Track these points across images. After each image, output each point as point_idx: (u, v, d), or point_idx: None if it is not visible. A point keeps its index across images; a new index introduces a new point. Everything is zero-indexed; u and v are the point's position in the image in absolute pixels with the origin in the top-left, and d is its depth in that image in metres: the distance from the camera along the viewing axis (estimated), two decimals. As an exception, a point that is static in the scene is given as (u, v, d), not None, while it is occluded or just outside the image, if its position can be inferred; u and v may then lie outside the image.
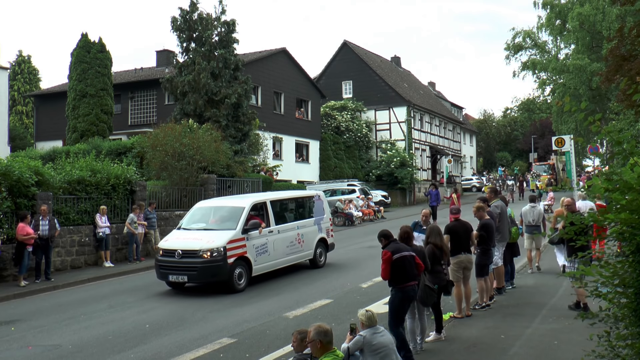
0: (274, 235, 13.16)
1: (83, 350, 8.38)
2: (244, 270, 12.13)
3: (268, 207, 13.31)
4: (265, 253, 12.79)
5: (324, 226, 15.22)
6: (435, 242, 8.07)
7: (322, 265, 14.81)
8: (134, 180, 18.04)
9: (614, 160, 5.15)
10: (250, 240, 12.39)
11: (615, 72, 18.58)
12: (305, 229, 14.35)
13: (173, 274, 11.98)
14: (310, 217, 14.81)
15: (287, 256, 13.57)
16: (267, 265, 12.92)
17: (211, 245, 11.79)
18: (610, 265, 4.43)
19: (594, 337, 4.62)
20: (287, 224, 13.81)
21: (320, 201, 15.35)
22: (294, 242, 13.81)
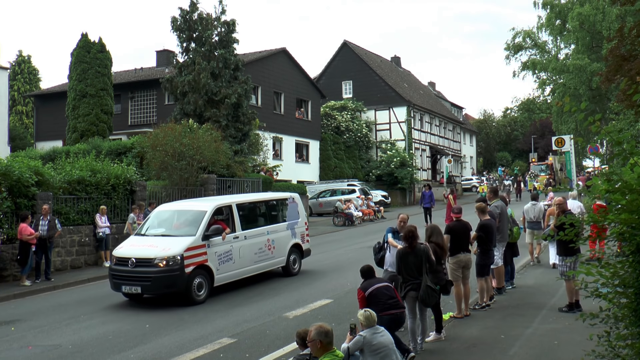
0: (240, 242, 12.15)
1: (83, 350, 8.38)
2: (205, 280, 11.14)
3: (234, 210, 12.31)
4: (230, 261, 11.80)
5: (299, 231, 14.21)
6: (436, 242, 8.08)
7: (296, 273, 13.80)
8: (134, 180, 18.05)
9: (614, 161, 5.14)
10: (212, 248, 11.40)
11: (615, 72, 18.58)
12: (277, 234, 13.33)
13: (126, 284, 10.93)
14: (283, 222, 13.83)
15: (255, 264, 12.55)
16: (232, 274, 11.93)
17: (167, 253, 10.80)
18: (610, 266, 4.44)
19: (594, 337, 4.63)
20: (256, 229, 12.83)
21: (294, 204, 14.38)
22: (263, 249, 12.80)
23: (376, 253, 9.09)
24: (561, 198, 9.98)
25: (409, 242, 7.68)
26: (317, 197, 33.00)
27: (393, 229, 8.99)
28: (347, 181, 35.42)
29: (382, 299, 6.94)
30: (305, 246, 14.51)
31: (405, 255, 7.69)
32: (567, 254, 9.03)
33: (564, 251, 9.17)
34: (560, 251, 9.36)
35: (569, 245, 8.93)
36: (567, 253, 9.02)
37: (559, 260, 9.41)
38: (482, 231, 9.50)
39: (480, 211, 9.71)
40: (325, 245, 19.73)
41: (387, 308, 6.89)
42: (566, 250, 8.99)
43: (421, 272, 7.57)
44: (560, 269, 9.37)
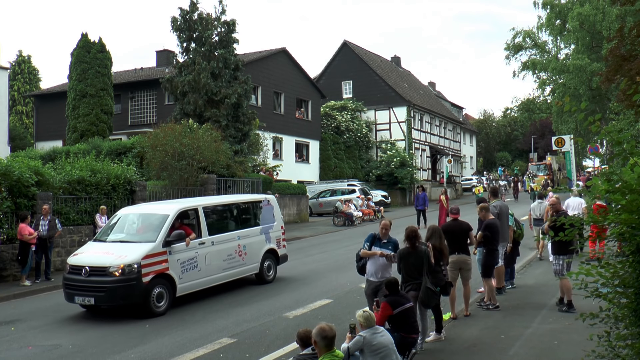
0: (207, 248, 11.31)
1: (83, 350, 8.38)
2: (165, 290, 10.32)
3: (200, 214, 11.45)
4: (195, 269, 10.96)
5: (274, 235, 13.33)
6: (435, 244, 8.07)
7: (271, 280, 12.95)
8: (134, 180, 18.04)
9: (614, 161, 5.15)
10: (174, 255, 10.56)
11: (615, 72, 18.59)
12: (249, 239, 12.47)
13: (79, 294, 10.10)
14: (257, 226, 12.95)
15: (223, 271, 11.71)
16: (197, 283, 11.09)
17: (123, 260, 9.97)
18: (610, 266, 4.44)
19: (594, 337, 4.63)
20: (225, 233, 11.96)
21: (269, 206, 13.50)
22: (234, 255, 11.96)
23: (358, 260, 8.51)
24: (555, 198, 9.92)
25: (410, 242, 7.69)
26: (317, 197, 33.00)
27: (375, 235, 8.32)
28: (347, 181, 35.43)
29: (409, 320, 6.84)
30: (282, 252, 13.65)
31: (406, 256, 7.70)
32: (561, 253, 9.03)
33: (557, 250, 9.15)
34: (554, 250, 9.33)
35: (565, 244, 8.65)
36: (561, 252, 9.01)
37: (553, 259, 9.38)
38: (487, 230, 9.46)
39: (484, 211, 9.69)
40: (325, 245, 19.73)
41: (413, 331, 6.87)
42: (560, 249, 8.98)
43: (421, 273, 7.58)
44: (554, 267, 9.35)
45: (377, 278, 8.02)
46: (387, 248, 8.06)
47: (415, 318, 7.07)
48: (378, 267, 8.06)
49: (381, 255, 8.01)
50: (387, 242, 8.13)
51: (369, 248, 8.15)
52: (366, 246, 8.18)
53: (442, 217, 22.13)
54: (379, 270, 8.06)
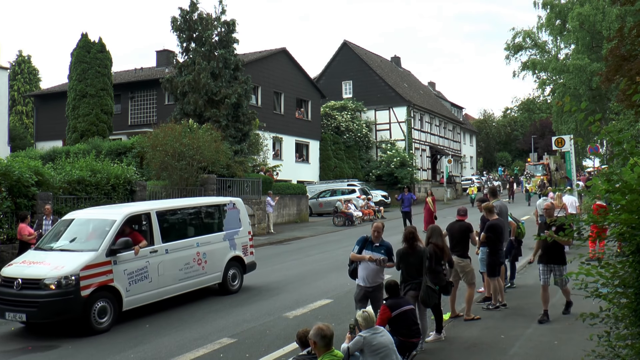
0: (160, 256, 10.33)
1: (83, 350, 8.38)
2: (109, 304, 9.37)
3: (153, 219, 10.45)
4: (145, 280, 10.01)
5: (240, 242, 12.34)
6: (436, 243, 8.07)
7: (236, 290, 11.97)
8: (134, 180, 18.04)
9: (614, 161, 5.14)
10: (120, 264, 9.59)
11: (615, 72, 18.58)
12: (210, 246, 11.51)
13: (10, 310, 9.01)
14: (220, 231, 11.96)
15: (179, 282, 10.73)
16: (148, 296, 10.11)
17: (59, 272, 8.94)
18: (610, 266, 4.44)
19: (594, 337, 4.63)
20: (182, 240, 10.97)
21: (234, 210, 12.51)
22: (192, 264, 10.99)
23: (350, 263, 8.16)
24: (549, 203, 9.70)
25: (409, 243, 7.70)
26: (317, 197, 33.01)
27: (366, 237, 7.92)
28: (347, 181, 35.45)
29: (408, 323, 6.81)
30: (249, 259, 12.62)
31: (405, 256, 7.71)
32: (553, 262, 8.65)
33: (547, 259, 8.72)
34: (544, 259, 8.78)
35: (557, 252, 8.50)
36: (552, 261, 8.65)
37: (541, 268, 8.80)
38: (490, 232, 9.44)
39: (488, 211, 9.66)
40: (325, 245, 19.74)
41: (412, 335, 6.84)
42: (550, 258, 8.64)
43: (421, 273, 7.59)
44: (542, 277, 8.78)
45: (368, 283, 7.73)
46: (380, 252, 7.69)
47: (416, 322, 7.03)
48: (369, 272, 7.72)
49: (370, 260, 7.62)
50: (379, 246, 7.76)
51: (359, 251, 7.78)
52: (356, 249, 7.80)
53: (428, 220, 20.93)
54: (371, 275, 7.73)
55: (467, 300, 9.14)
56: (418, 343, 7.11)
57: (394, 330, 6.65)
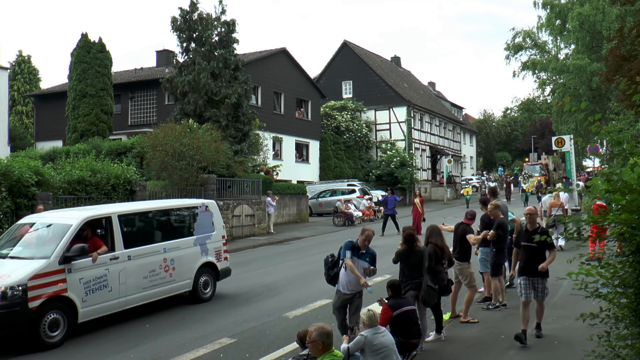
0: (121, 263, 9.63)
1: (83, 350, 8.38)
2: (62, 316, 8.63)
3: (115, 223, 9.76)
4: (104, 289, 9.32)
5: (212, 247, 11.61)
6: (436, 243, 8.07)
7: (207, 298, 11.29)
8: (134, 180, 18.04)
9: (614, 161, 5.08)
10: (75, 273, 8.87)
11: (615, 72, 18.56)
12: (179, 252, 10.79)
13: None
14: (190, 235, 11.27)
15: (144, 290, 10.03)
16: (107, 306, 9.42)
17: (4, 282, 8.23)
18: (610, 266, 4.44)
19: (594, 337, 4.63)
20: (147, 246, 10.25)
21: (207, 213, 11.74)
22: (158, 271, 10.27)
23: (329, 268, 7.74)
24: (532, 207, 8.61)
25: (408, 245, 7.71)
26: (317, 197, 33.00)
27: (353, 243, 7.53)
28: (347, 181, 35.44)
29: (408, 324, 6.80)
30: (222, 265, 11.88)
31: (406, 256, 7.73)
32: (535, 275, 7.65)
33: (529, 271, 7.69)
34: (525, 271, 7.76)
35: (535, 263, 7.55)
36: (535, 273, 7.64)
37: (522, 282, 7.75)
38: (500, 229, 9.45)
39: (495, 209, 9.64)
40: (326, 246, 19.72)
41: (413, 335, 6.84)
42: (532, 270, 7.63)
43: (421, 273, 7.61)
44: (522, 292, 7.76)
45: (349, 290, 7.47)
46: (365, 260, 7.45)
47: (417, 322, 7.03)
48: (352, 279, 7.42)
49: (365, 285, 7.28)
50: (365, 254, 7.49)
51: (351, 256, 7.43)
52: (348, 255, 7.41)
53: (416, 223, 20.58)
54: (352, 283, 7.44)
55: (466, 303, 9.11)
56: (418, 343, 7.11)
57: (394, 330, 6.65)
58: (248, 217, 23.32)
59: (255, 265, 16.09)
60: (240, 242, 21.25)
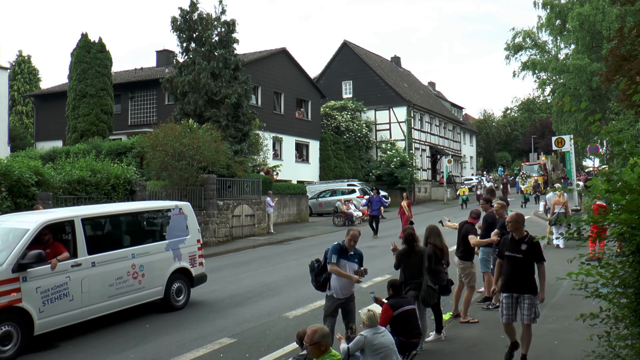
0: (84, 270, 9.00)
1: (83, 350, 8.38)
2: (15, 328, 8.05)
3: (78, 227, 9.10)
4: (65, 298, 8.67)
5: (186, 251, 10.97)
6: (435, 243, 8.07)
7: (181, 306, 10.69)
8: (134, 180, 18.04)
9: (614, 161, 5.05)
10: (31, 282, 8.25)
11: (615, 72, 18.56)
12: (149, 257, 10.16)
13: None
14: (162, 240, 10.62)
15: (110, 299, 9.41)
16: (68, 317, 8.76)
17: None
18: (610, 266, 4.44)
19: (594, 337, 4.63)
20: (114, 251, 9.63)
21: (180, 216, 11.08)
22: (125, 278, 9.67)
23: (316, 275, 7.46)
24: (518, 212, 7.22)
25: (409, 244, 7.71)
26: (317, 197, 33.01)
27: (340, 245, 7.31)
28: (347, 181, 35.44)
29: (409, 323, 6.80)
30: (197, 271, 11.24)
31: (406, 256, 7.73)
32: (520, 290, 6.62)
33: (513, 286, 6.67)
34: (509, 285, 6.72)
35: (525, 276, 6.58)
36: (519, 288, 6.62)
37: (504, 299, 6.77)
38: (504, 229, 9.43)
39: (500, 208, 9.61)
40: (326, 245, 19.57)
41: (413, 335, 6.84)
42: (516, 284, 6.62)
43: (421, 273, 7.61)
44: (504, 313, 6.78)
45: (342, 295, 7.23)
46: (353, 261, 7.27)
47: (418, 322, 7.03)
48: (344, 283, 7.20)
49: (357, 282, 7.22)
50: (353, 255, 7.30)
51: (337, 260, 7.22)
52: (334, 259, 7.19)
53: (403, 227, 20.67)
54: (345, 286, 7.22)
55: (465, 303, 9.10)
56: (418, 343, 7.12)
57: (394, 330, 6.65)
58: (248, 217, 23.32)
59: (255, 265, 16.09)
60: (240, 242, 21.26)
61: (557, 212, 16.12)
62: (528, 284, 6.60)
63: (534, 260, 6.63)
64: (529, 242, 6.60)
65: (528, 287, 6.57)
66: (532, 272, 6.66)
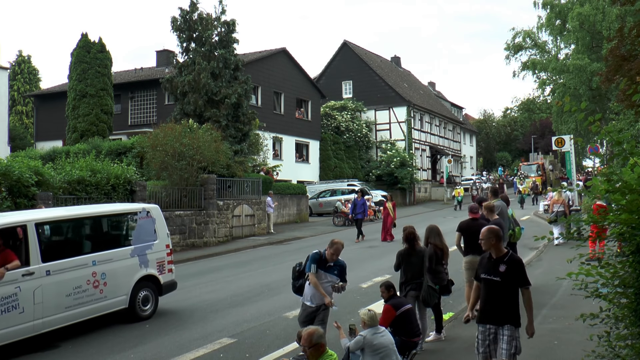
0: (37, 280, 8.26)
1: (83, 350, 8.37)
2: None
3: (31, 233, 8.34)
4: (14, 310, 7.97)
5: (154, 257, 10.20)
6: (435, 243, 8.06)
7: (148, 315, 9.96)
8: (134, 180, 18.04)
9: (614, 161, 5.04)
10: None
11: (615, 72, 18.58)
12: (112, 265, 9.39)
13: None
14: (127, 246, 9.84)
15: (67, 310, 8.63)
16: (17, 331, 8.04)
17: None
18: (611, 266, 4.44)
19: (594, 337, 4.63)
20: (72, 258, 8.82)
21: (148, 220, 10.29)
22: (85, 287, 8.88)
23: (295, 278, 7.41)
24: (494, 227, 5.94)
25: (409, 243, 7.71)
26: (317, 197, 33.01)
27: (320, 255, 7.02)
28: (347, 181, 35.44)
29: (409, 322, 6.81)
30: (166, 278, 10.44)
31: (407, 256, 7.73)
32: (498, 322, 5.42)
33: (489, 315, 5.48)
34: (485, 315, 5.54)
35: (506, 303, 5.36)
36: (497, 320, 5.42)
37: (479, 335, 5.68)
38: None
39: (488, 210, 9.64)
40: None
41: (414, 334, 6.84)
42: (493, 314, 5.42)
43: (422, 273, 7.62)
44: (480, 349, 5.67)
45: (314, 303, 7.01)
46: (333, 273, 6.96)
47: (417, 321, 7.04)
48: (317, 291, 6.96)
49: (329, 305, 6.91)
50: (332, 267, 6.99)
51: (317, 270, 6.94)
52: (313, 269, 6.91)
53: (387, 229, 20.01)
54: (317, 295, 6.98)
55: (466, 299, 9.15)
56: (418, 342, 7.12)
57: (395, 330, 6.65)
58: (248, 217, 23.32)
59: (255, 265, 16.09)
60: (240, 242, 21.26)
61: (556, 211, 16.61)
62: (508, 313, 5.34)
63: (515, 284, 5.39)
64: (510, 262, 5.38)
65: (507, 317, 5.33)
66: (514, 299, 5.40)
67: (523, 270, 5.46)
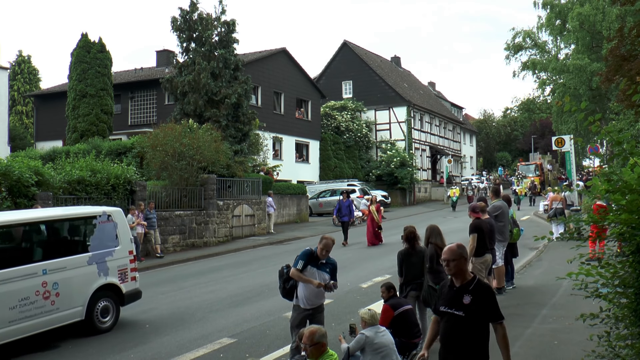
0: None
1: (83, 350, 8.37)
2: None
3: None
4: None
5: (115, 264, 9.43)
6: (436, 243, 8.05)
7: (108, 327, 9.20)
8: (134, 180, 18.05)
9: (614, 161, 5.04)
10: None
11: (615, 72, 18.59)
12: (65, 273, 8.60)
13: None
14: (84, 252, 9.07)
15: (11, 325, 7.88)
16: None
17: None
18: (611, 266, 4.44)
19: (594, 337, 4.63)
20: (17, 267, 8.02)
21: (109, 224, 9.51)
22: (33, 298, 8.12)
23: (284, 281, 6.96)
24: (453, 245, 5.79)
25: (410, 243, 7.71)
26: (317, 197, 33.00)
27: (312, 252, 6.79)
28: (347, 181, 35.45)
29: (409, 323, 6.81)
30: (129, 286, 9.68)
31: (407, 256, 7.72)
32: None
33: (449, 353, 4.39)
34: (445, 351, 4.46)
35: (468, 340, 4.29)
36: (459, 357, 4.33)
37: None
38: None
39: (480, 211, 9.69)
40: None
41: (414, 335, 6.84)
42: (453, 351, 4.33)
43: (423, 273, 7.61)
44: None
45: (309, 305, 6.70)
46: (325, 270, 6.69)
47: (417, 322, 7.03)
48: (312, 292, 6.64)
49: (319, 286, 6.54)
50: (324, 264, 6.73)
51: (303, 267, 6.65)
52: (300, 265, 6.65)
53: (371, 232, 19.37)
54: (313, 296, 6.67)
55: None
56: (419, 343, 7.12)
57: (395, 331, 6.64)
58: (248, 217, 23.32)
59: (255, 265, 16.09)
60: (240, 242, 21.26)
61: (554, 208, 17.06)
62: (473, 356, 4.26)
63: (484, 319, 4.27)
64: (477, 290, 4.25)
65: (476, 354, 4.27)
66: (481, 338, 4.30)
67: (494, 301, 4.29)
